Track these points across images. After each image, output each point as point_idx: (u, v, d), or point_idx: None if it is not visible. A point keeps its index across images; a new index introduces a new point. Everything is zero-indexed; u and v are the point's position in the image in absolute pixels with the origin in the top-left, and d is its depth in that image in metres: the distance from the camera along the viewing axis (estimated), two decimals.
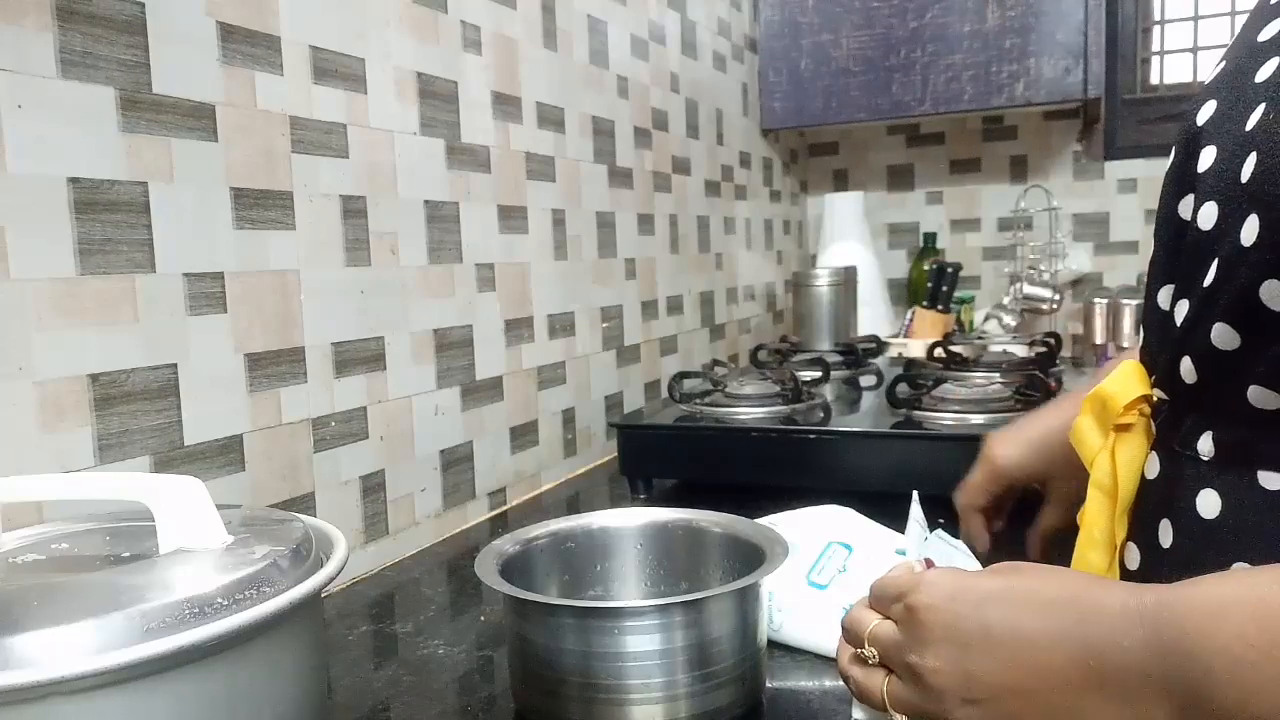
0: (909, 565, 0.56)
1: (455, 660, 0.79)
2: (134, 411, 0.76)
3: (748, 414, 1.27)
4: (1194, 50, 2.27)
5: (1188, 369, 0.52)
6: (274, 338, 0.89)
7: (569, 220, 1.39)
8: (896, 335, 2.18)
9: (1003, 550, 0.59)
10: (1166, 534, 0.55)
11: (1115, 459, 0.58)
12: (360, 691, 0.74)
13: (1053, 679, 0.42)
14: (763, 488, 1.11)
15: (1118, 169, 2.31)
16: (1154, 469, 0.57)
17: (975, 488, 0.83)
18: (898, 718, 0.47)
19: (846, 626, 0.52)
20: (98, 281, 0.74)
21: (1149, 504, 0.57)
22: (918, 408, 1.21)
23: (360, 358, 1.00)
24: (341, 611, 0.89)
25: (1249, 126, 0.49)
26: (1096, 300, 2.19)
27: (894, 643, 0.48)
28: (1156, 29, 2.30)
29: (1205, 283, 0.50)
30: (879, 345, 1.99)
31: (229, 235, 0.85)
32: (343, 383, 0.98)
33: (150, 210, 0.77)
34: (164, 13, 0.78)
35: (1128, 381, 0.59)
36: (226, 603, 0.47)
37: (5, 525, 0.58)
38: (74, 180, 0.72)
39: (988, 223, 2.44)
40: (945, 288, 2.17)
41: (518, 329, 1.27)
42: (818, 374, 1.46)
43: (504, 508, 1.24)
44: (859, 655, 0.50)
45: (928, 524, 0.72)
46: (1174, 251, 0.56)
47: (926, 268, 2.26)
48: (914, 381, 1.32)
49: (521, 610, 0.65)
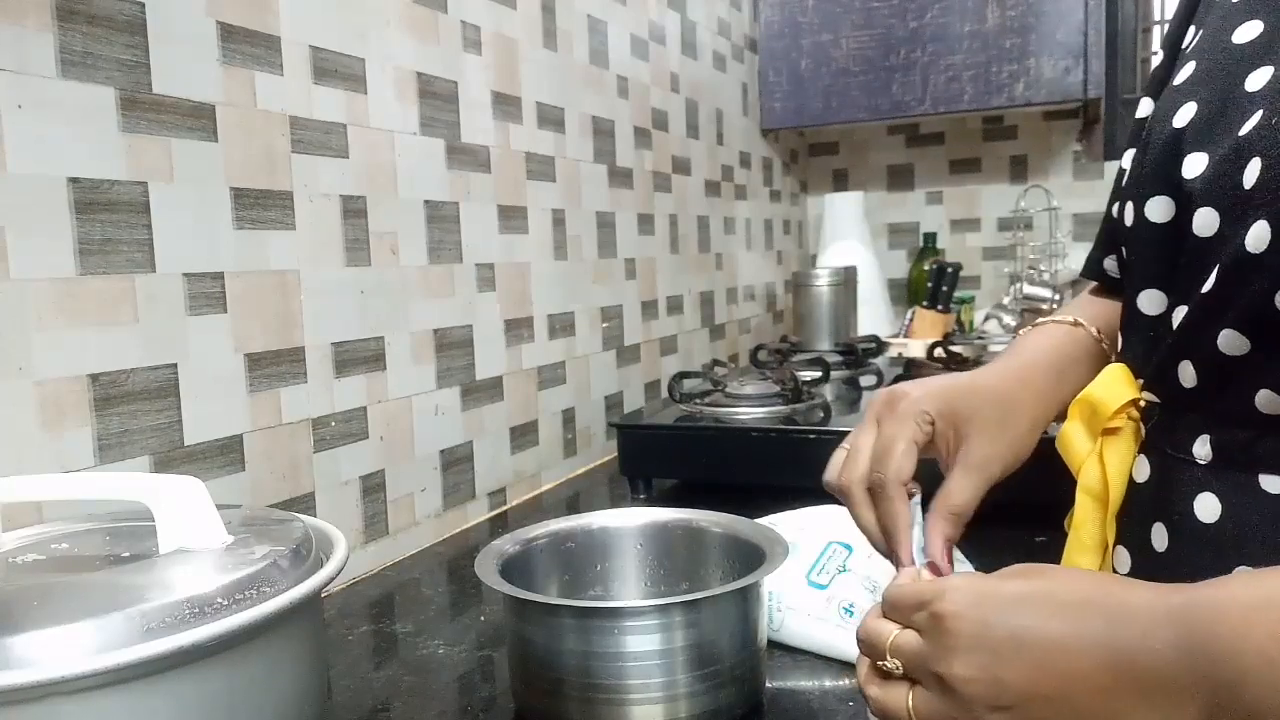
0: (914, 572, 0.55)
1: (455, 660, 0.79)
2: (134, 411, 0.76)
3: (748, 414, 1.27)
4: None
5: (1187, 373, 0.52)
6: (274, 338, 0.89)
7: (569, 220, 1.39)
8: (896, 335, 2.18)
9: (1016, 552, 0.57)
10: (1160, 538, 0.54)
11: (1104, 463, 0.58)
12: (360, 691, 0.74)
13: (1082, 683, 0.41)
14: (763, 488, 1.11)
15: (1117, 169, 2.31)
16: (1144, 473, 0.57)
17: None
18: None
19: (865, 639, 0.50)
20: (98, 281, 0.73)
21: (1139, 508, 0.57)
22: None
23: (360, 358, 1.00)
24: (341, 611, 0.89)
25: (1243, 131, 0.49)
26: None
27: (919, 652, 0.46)
28: (1156, 29, 2.30)
29: (1205, 288, 0.50)
30: (879, 345, 1.98)
31: (229, 235, 0.85)
32: (343, 383, 0.98)
33: (150, 210, 0.77)
34: (164, 13, 0.78)
35: (1115, 385, 0.58)
36: (226, 603, 0.47)
37: (5, 525, 0.58)
38: (74, 180, 0.72)
39: (988, 223, 2.44)
40: (945, 288, 2.17)
41: (518, 329, 1.27)
42: (818, 374, 1.46)
43: (504, 508, 1.24)
44: (879, 668, 0.48)
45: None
46: (1158, 257, 0.55)
47: (926, 268, 2.26)
48: None
49: (521, 610, 0.65)
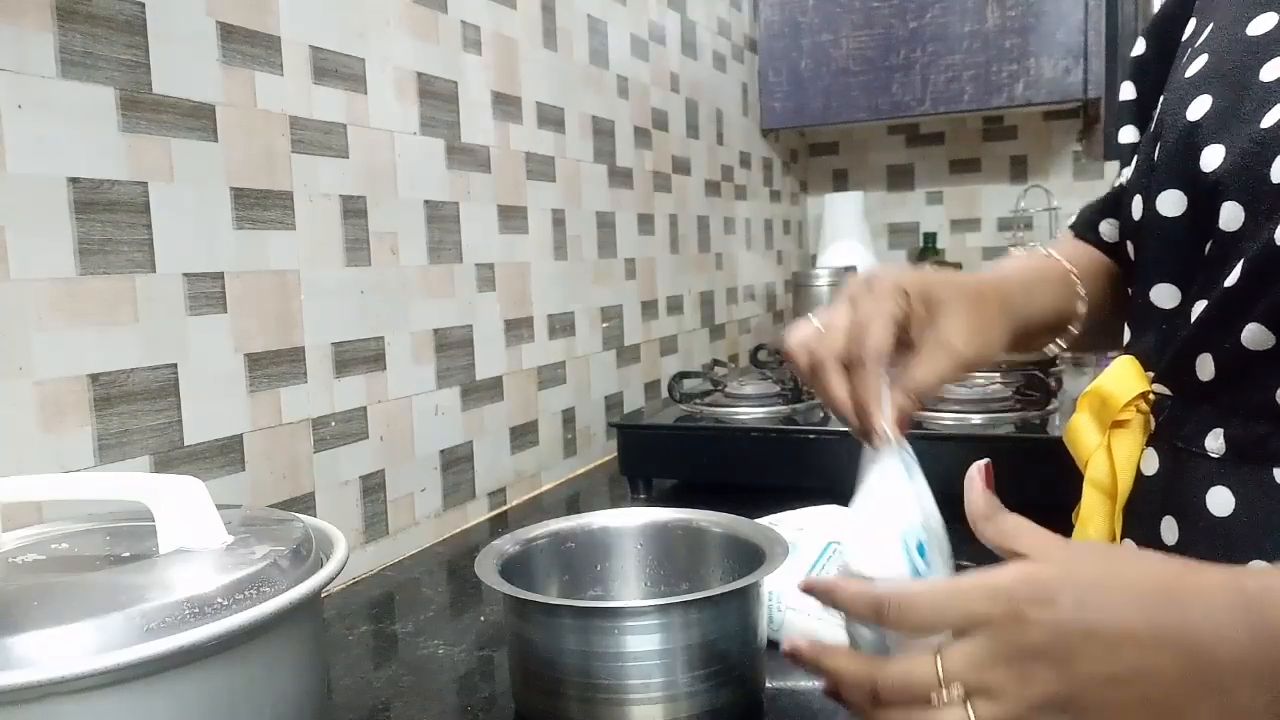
0: (865, 586, 0.47)
1: (455, 660, 0.79)
2: (134, 411, 0.76)
3: (748, 414, 1.27)
4: None
5: (1206, 367, 0.52)
6: (274, 338, 0.89)
7: (569, 220, 1.39)
8: None
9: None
10: (1170, 531, 0.54)
11: (1112, 456, 0.58)
12: (360, 691, 0.74)
13: (1157, 674, 0.40)
14: (763, 488, 1.11)
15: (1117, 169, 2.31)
16: (1152, 466, 0.57)
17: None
18: None
19: (901, 686, 0.43)
20: (98, 281, 0.73)
21: (1148, 501, 0.56)
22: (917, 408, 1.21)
23: (360, 358, 1.00)
24: (341, 611, 0.89)
25: (1265, 125, 0.48)
26: None
27: (981, 663, 0.42)
28: None
29: (1227, 283, 0.50)
30: None
31: (229, 235, 0.85)
32: (343, 383, 0.98)
33: (150, 210, 0.77)
34: (164, 13, 0.78)
35: (1126, 378, 0.58)
36: (226, 603, 0.47)
37: (5, 525, 0.58)
38: (74, 180, 0.72)
39: (988, 223, 2.44)
40: None
41: (518, 329, 1.27)
42: None
43: (504, 508, 1.24)
44: (934, 702, 0.42)
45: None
46: (1171, 251, 0.55)
47: (927, 268, 2.26)
48: None
49: (521, 610, 0.65)
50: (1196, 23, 0.60)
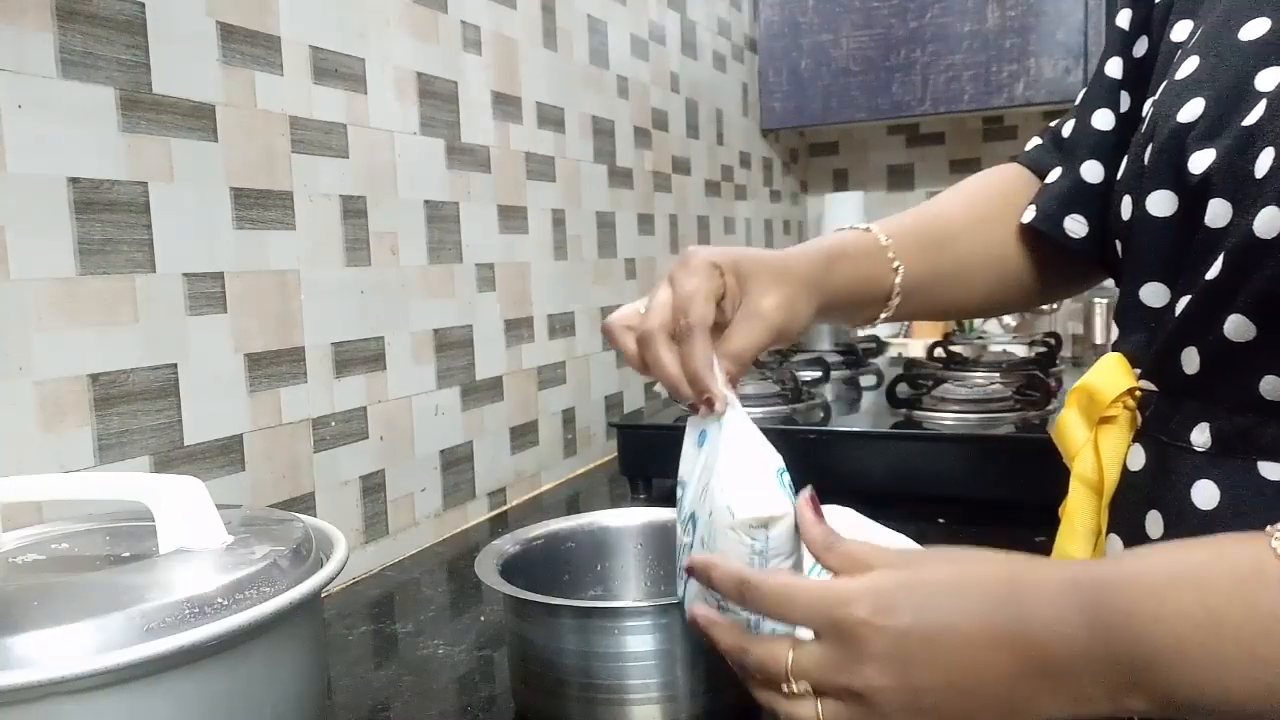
0: (784, 575, 0.49)
1: (455, 660, 0.79)
2: (134, 411, 0.76)
3: (748, 414, 1.27)
4: None
5: (1191, 361, 0.52)
6: (274, 338, 0.89)
7: (569, 220, 1.39)
8: (896, 335, 2.18)
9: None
10: (1155, 525, 0.55)
11: (1099, 451, 0.59)
12: (360, 691, 0.74)
13: (994, 673, 0.41)
14: None
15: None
16: (1139, 461, 0.57)
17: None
18: None
19: (758, 666, 0.47)
20: (98, 281, 0.73)
21: (1133, 496, 0.57)
22: (918, 408, 1.21)
23: (360, 358, 1.00)
24: (341, 611, 0.89)
25: (1250, 122, 0.49)
26: (1097, 300, 2.18)
27: (826, 667, 0.44)
28: None
29: (1209, 276, 0.50)
30: (879, 345, 1.98)
31: (229, 235, 0.85)
32: (343, 383, 0.98)
33: (150, 210, 0.77)
34: (164, 13, 0.78)
35: (1113, 374, 0.59)
36: (226, 603, 0.47)
37: (5, 525, 0.58)
38: (74, 180, 0.72)
39: None
40: None
41: (518, 329, 1.27)
42: (818, 374, 1.46)
43: (504, 508, 1.24)
44: (786, 693, 0.46)
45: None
46: (1160, 250, 0.56)
47: None
48: (914, 381, 1.32)
49: (521, 610, 0.65)
50: (1190, 25, 0.60)
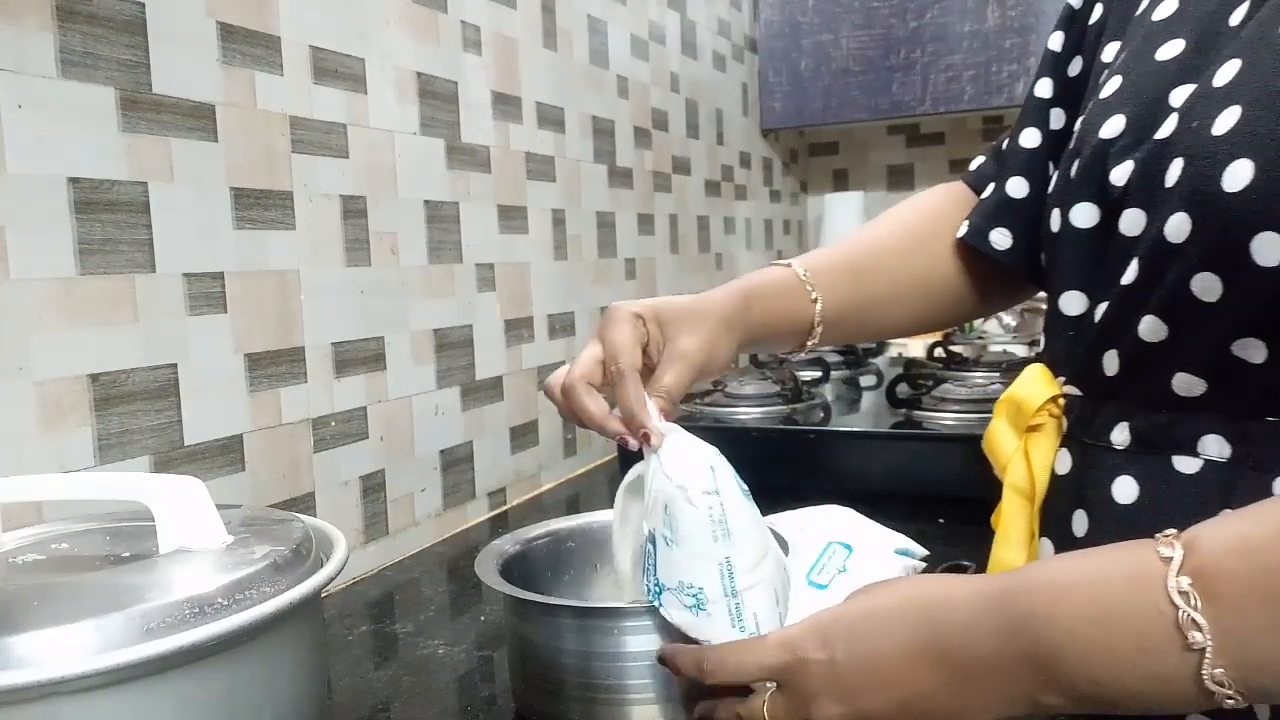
0: (724, 643, 0.54)
1: (455, 660, 0.79)
2: (134, 411, 0.76)
3: (748, 414, 1.27)
4: None
5: (1111, 363, 0.55)
6: (274, 338, 0.89)
7: (569, 220, 1.39)
8: None
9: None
10: (1081, 523, 0.57)
11: (1030, 460, 0.61)
12: (360, 691, 0.74)
13: (924, 685, 0.44)
14: (763, 488, 1.10)
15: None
16: (1065, 465, 0.59)
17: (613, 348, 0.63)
18: None
19: None
20: (98, 281, 0.73)
21: (1061, 498, 0.59)
22: (918, 408, 1.21)
23: (360, 358, 1.00)
24: (341, 611, 0.89)
25: (1161, 135, 0.52)
26: None
27: (788, 710, 0.48)
28: None
29: (1125, 281, 0.53)
30: (879, 345, 1.98)
31: (229, 235, 0.85)
32: (343, 383, 0.98)
33: (150, 210, 0.77)
34: (164, 13, 0.78)
35: (1037, 384, 0.62)
36: (226, 603, 0.47)
37: (5, 525, 0.58)
38: (74, 180, 0.72)
39: None
40: None
41: (518, 329, 1.27)
42: (818, 374, 1.46)
43: (504, 508, 1.24)
44: None
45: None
46: (1082, 260, 0.58)
47: None
48: (914, 381, 1.32)
49: (521, 610, 0.65)
50: (1118, 45, 0.63)
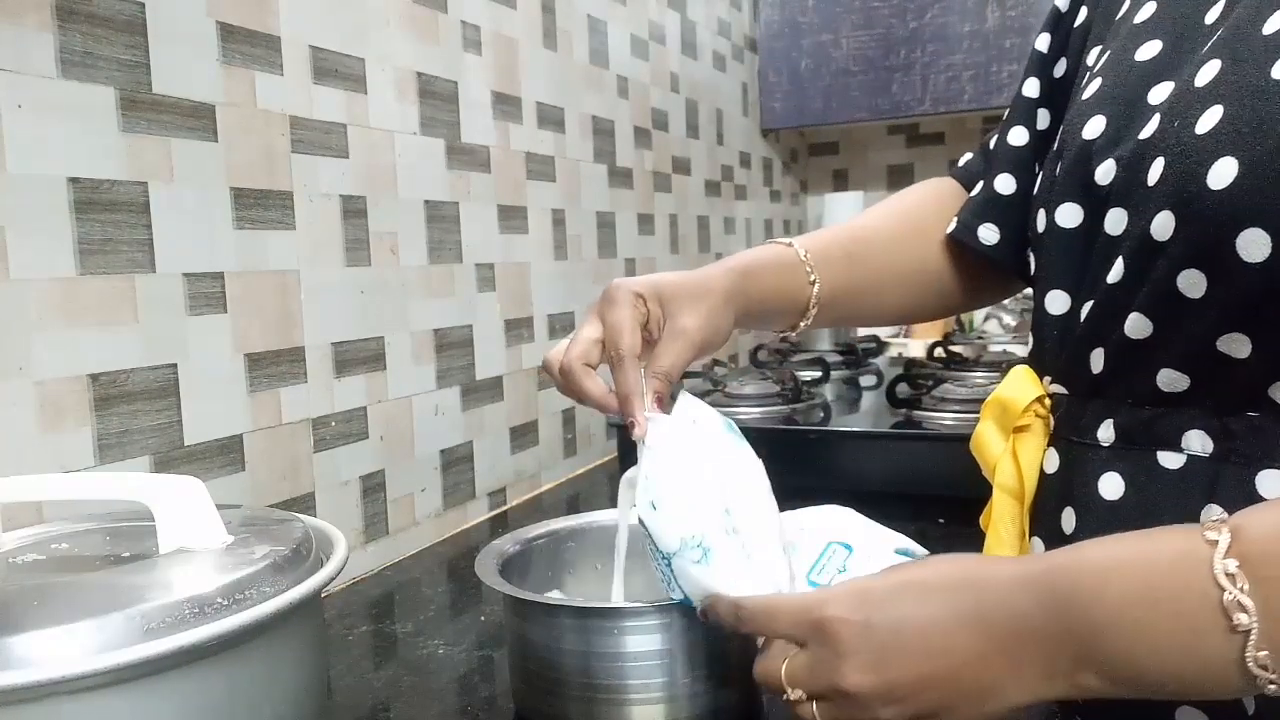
0: (739, 602, 0.54)
1: (455, 660, 0.79)
2: (134, 411, 0.76)
3: (748, 414, 1.27)
4: None
5: (1097, 360, 0.55)
6: (274, 338, 0.89)
7: (569, 220, 1.39)
8: (896, 335, 2.18)
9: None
10: (1069, 520, 0.57)
11: (1018, 460, 0.61)
12: (360, 691, 0.74)
13: (960, 657, 0.44)
14: None
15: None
16: (1053, 463, 0.60)
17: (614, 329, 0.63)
18: None
19: (761, 681, 0.51)
20: (98, 281, 0.73)
21: (1049, 496, 0.60)
22: (918, 408, 1.21)
23: (360, 358, 1.00)
24: (341, 611, 0.89)
25: (1144, 135, 0.52)
26: None
27: (811, 670, 0.48)
28: None
29: (1110, 279, 0.53)
30: (879, 345, 1.99)
31: (229, 235, 0.85)
32: (343, 383, 0.98)
33: (150, 210, 0.77)
34: (164, 13, 0.78)
35: (1022, 385, 0.62)
36: (226, 603, 0.47)
37: (5, 525, 0.58)
38: (74, 180, 0.72)
39: None
40: None
41: (518, 329, 1.27)
42: (818, 374, 1.46)
43: (504, 508, 1.24)
44: (787, 700, 0.49)
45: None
46: (1066, 260, 0.59)
47: None
48: (914, 381, 1.32)
49: (521, 610, 0.65)
50: (1099, 50, 0.64)
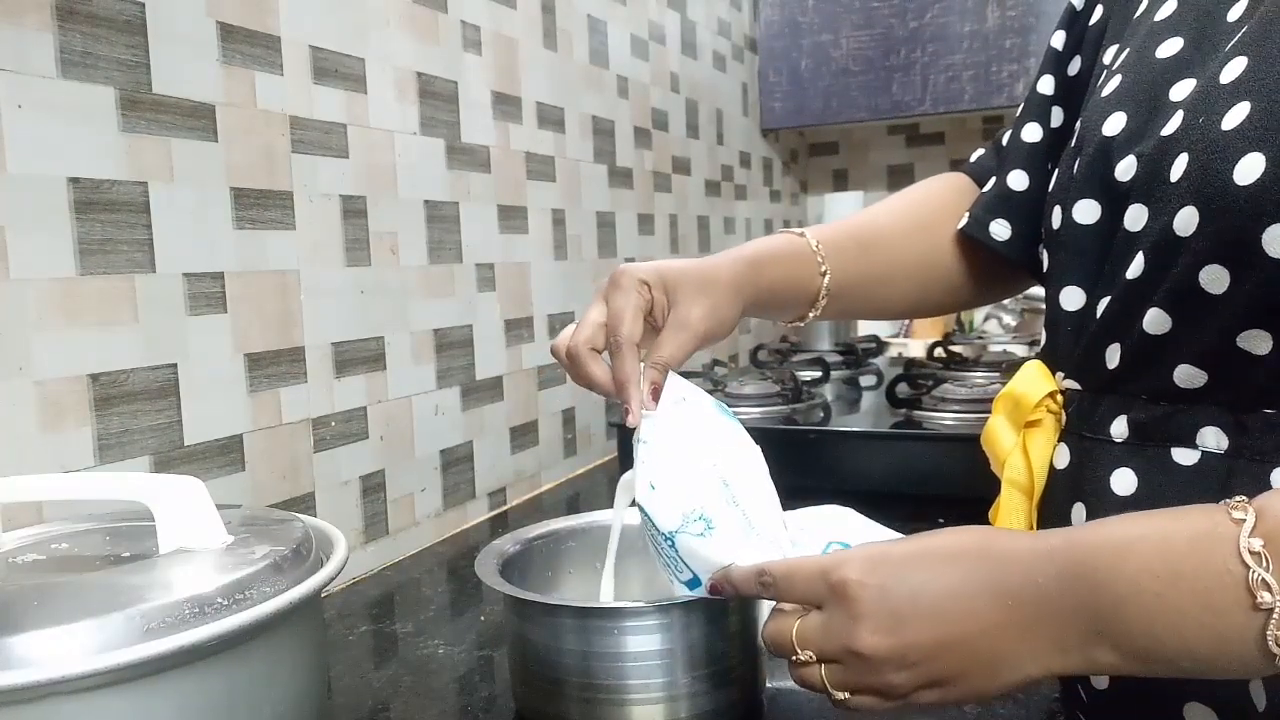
0: (755, 565, 0.53)
1: (455, 660, 0.79)
2: (134, 411, 0.76)
3: (747, 414, 1.27)
4: None
5: (1113, 356, 0.55)
6: (274, 338, 0.89)
7: (569, 220, 1.39)
8: (896, 335, 2.18)
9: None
10: (1079, 515, 0.57)
11: (1028, 455, 0.61)
12: (360, 691, 0.74)
13: (977, 625, 0.44)
14: None
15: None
16: (1064, 459, 0.60)
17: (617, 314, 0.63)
18: (839, 695, 0.48)
19: (770, 643, 0.51)
20: (98, 281, 0.73)
21: (1060, 492, 0.60)
22: (918, 408, 1.21)
23: (360, 358, 1.00)
24: (341, 611, 0.89)
25: (1166, 132, 0.52)
26: None
27: (824, 631, 0.48)
28: None
29: (1129, 275, 0.53)
30: (879, 345, 1.99)
31: (229, 235, 0.85)
32: (343, 383, 0.98)
33: (150, 210, 0.77)
34: (164, 13, 0.78)
35: (1035, 380, 0.62)
36: (226, 603, 0.47)
37: (5, 525, 0.58)
38: (74, 180, 0.72)
39: None
40: None
41: (518, 329, 1.27)
42: (818, 374, 1.47)
43: (504, 508, 1.24)
44: (795, 661, 0.49)
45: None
46: (1083, 256, 0.59)
47: None
48: (914, 381, 1.32)
49: (521, 610, 0.65)
50: (1116, 48, 0.64)
